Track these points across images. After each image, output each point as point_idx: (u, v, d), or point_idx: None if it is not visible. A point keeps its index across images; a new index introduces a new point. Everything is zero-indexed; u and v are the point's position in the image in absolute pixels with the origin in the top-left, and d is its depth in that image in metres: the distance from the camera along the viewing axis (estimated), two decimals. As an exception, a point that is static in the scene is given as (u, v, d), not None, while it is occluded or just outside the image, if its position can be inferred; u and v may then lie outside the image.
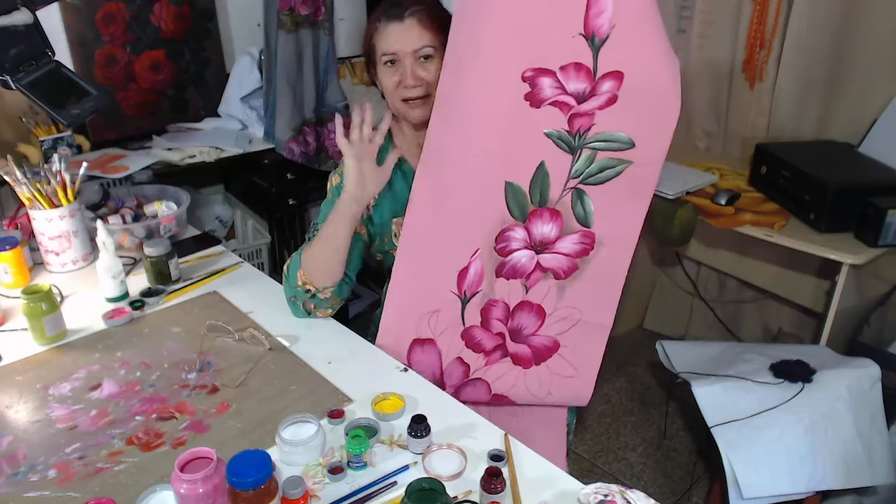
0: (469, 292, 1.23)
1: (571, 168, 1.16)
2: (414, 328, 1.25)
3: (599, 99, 1.11)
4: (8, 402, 1.11)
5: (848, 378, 1.60)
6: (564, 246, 1.21)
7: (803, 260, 2.06)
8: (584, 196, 1.18)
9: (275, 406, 1.08)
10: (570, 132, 1.14)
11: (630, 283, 1.30)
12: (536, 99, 1.11)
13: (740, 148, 2.40)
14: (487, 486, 0.87)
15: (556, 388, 1.32)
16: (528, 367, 1.30)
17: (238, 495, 0.79)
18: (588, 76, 1.10)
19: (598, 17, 1.06)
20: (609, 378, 2.57)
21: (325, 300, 1.27)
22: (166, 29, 2.39)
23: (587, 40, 1.08)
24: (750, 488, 1.52)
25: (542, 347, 1.29)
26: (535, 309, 1.26)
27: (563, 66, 1.09)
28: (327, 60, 2.39)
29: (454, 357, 1.28)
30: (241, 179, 2.59)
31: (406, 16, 1.21)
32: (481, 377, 1.30)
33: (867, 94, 2.03)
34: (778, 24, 2.15)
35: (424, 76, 1.23)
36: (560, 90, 1.11)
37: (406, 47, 1.21)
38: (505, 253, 1.21)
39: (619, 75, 1.10)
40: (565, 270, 1.23)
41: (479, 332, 1.27)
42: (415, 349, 1.24)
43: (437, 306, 1.23)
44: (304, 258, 1.25)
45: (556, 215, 1.19)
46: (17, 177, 1.43)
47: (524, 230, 1.20)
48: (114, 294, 1.39)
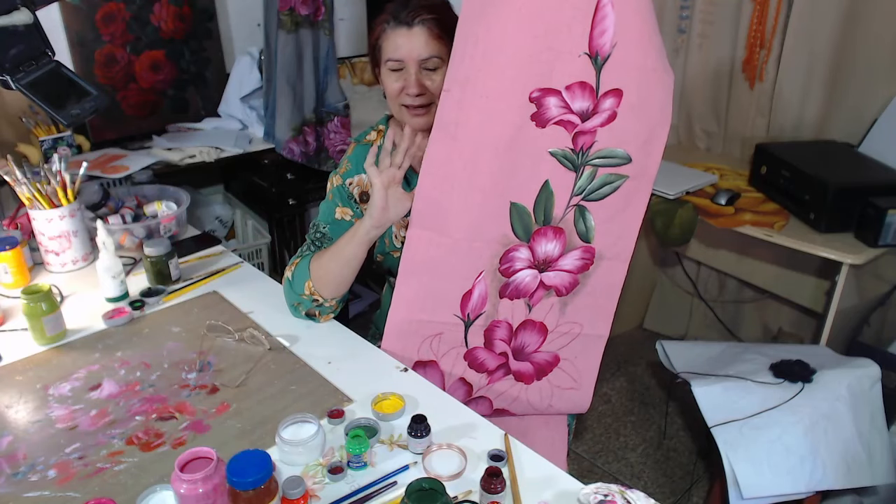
0: (473, 315, 1.23)
1: (575, 185, 1.18)
2: (416, 351, 1.25)
3: (601, 116, 1.13)
4: (8, 402, 1.11)
5: (848, 378, 1.60)
6: (567, 263, 1.22)
7: (803, 260, 2.06)
8: (585, 212, 1.19)
9: (275, 406, 1.08)
10: (574, 150, 1.15)
11: (630, 283, 1.30)
12: (542, 119, 1.12)
13: (740, 148, 2.40)
14: (487, 486, 0.87)
15: (557, 399, 1.33)
16: (529, 382, 1.31)
17: (238, 495, 0.79)
18: (591, 94, 1.12)
19: (601, 37, 1.08)
20: (609, 378, 2.56)
21: (329, 308, 1.28)
22: (166, 29, 2.39)
23: (591, 59, 1.10)
24: (750, 488, 1.51)
25: (543, 363, 1.30)
26: (538, 327, 1.27)
27: (569, 86, 1.11)
28: (327, 60, 2.39)
29: (457, 378, 1.28)
30: (241, 179, 2.59)
31: (415, 23, 1.18)
32: (484, 395, 1.31)
33: (867, 94, 2.03)
34: (778, 24, 2.15)
35: (428, 85, 1.21)
36: (565, 109, 1.12)
37: (412, 55, 1.20)
38: (509, 273, 1.21)
39: (618, 92, 1.12)
40: (567, 287, 1.24)
41: (482, 352, 1.27)
42: (416, 370, 1.23)
43: (440, 330, 1.23)
44: (315, 270, 1.23)
45: (560, 233, 1.20)
46: (17, 177, 1.42)
47: (528, 250, 1.20)
48: (114, 294, 1.39)
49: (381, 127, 1.38)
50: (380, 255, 1.37)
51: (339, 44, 2.60)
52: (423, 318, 1.22)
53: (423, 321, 1.22)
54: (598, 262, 1.23)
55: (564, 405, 1.34)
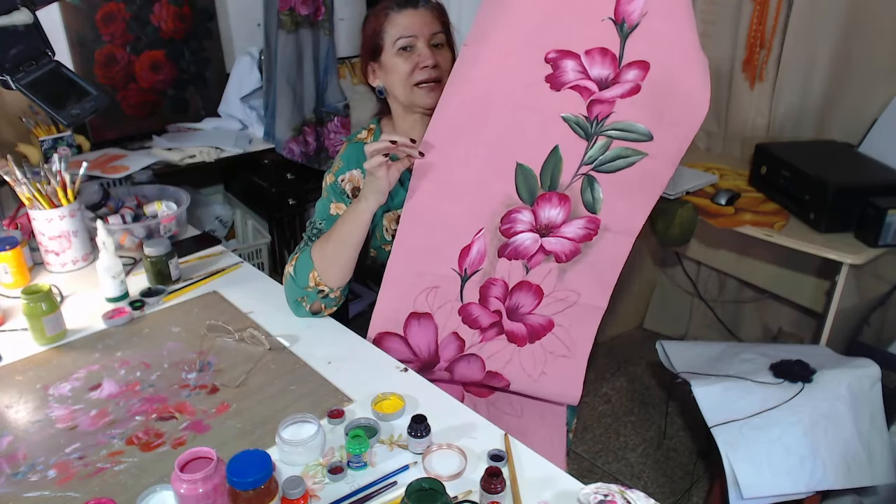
0: (470, 270, 1.22)
1: (585, 154, 1.15)
2: (412, 302, 1.24)
3: (622, 87, 1.10)
4: (8, 402, 1.11)
5: (848, 378, 1.60)
6: (569, 230, 1.21)
7: (803, 260, 2.06)
8: (594, 183, 1.17)
9: (275, 406, 1.08)
10: (588, 118, 1.12)
11: (630, 283, 1.30)
12: (558, 82, 1.10)
13: (740, 148, 2.40)
14: (487, 486, 0.87)
15: (550, 367, 1.31)
16: (522, 344, 1.29)
17: (238, 495, 0.79)
18: (613, 62, 1.08)
19: (629, 4, 1.05)
20: (609, 378, 2.56)
21: (334, 299, 1.28)
22: (166, 29, 2.39)
23: (616, 25, 1.06)
24: (750, 488, 1.51)
25: (537, 326, 1.28)
26: (534, 289, 1.25)
27: (589, 51, 1.08)
28: (327, 60, 2.40)
29: (450, 332, 1.27)
30: (241, 179, 2.59)
31: (420, 4, 1.26)
32: (476, 353, 1.30)
33: (867, 94, 2.03)
34: (778, 24, 2.15)
35: (439, 60, 1.26)
36: (583, 74, 1.09)
37: (423, 31, 1.25)
38: (509, 234, 1.20)
39: (645, 65, 1.08)
40: (567, 254, 1.23)
41: (476, 308, 1.26)
42: (411, 322, 1.23)
43: (437, 282, 1.23)
44: (318, 259, 1.24)
45: (565, 200, 1.18)
46: (17, 177, 1.43)
47: (531, 213, 1.19)
48: (114, 294, 1.39)
49: (371, 126, 1.39)
50: (373, 250, 1.37)
51: (339, 44, 2.59)
52: (421, 269, 1.22)
53: (420, 272, 1.22)
54: (603, 233, 1.20)
55: (558, 375, 1.31)
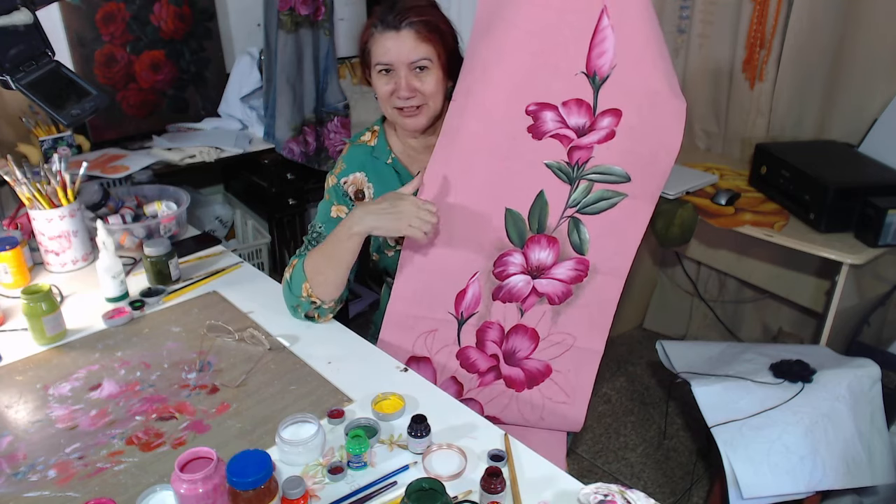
0: (466, 313, 1.27)
1: (570, 197, 1.21)
2: (411, 346, 1.29)
3: (598, 133, 1.17)
4: (8, 402, 1.11)
5: (848, 378, 1.60)
6: (560, 272, 1.25)
7: (803, 260, 2.06)
8: (580, 224, 1.23)
9: (275, 406, 1.08)
10: (570, 163, 1.20)
11: (630, 284, 1.31)
12: (539, 131, 1.18)
13: (740, 148, 2.39)
14: (487, 486, 0.87)
15: (549, 413, 1.34)
16: (520, 390, 1.33)
17: (238, 495, 0.79)
18: (588, 112, 1.16)
19: (599, 58, 1.13)
20: (609, 378, 2.56)
21: (327, 309, 1.28)
22: (166, 29, 2.39)
23: (588, 78, 1.15)
24: (750, 488, 1.51)
25: (535, 371, 1.32)
26: (530, 332, 1.29)
27: (566, 102, 1.16)
28: (327, 60, 2.39)
29: (448, 376, 1.31)
30: (241, 179, 2.59)
31: (402, 26, 1.17)
32: (474, 398, 1.33)
33: (867, 94, 2.03)
34: (778, 24, 2.15)
35: (419, 86, 1.21)
36: (561, 124, 1.17)
37: (401, 58, 1.19)
38: (502, 277, 1.25)
39: (617, 112, 1.16)
40: (559, 296, 1.27)
41: (473, 352, 1.30)
42: (410, 366, 1.24)
43: (434, 326, 1.28)
44: (311, 273, 1.23)
45: (553, 242, 1.24)
46: (17, 177, 1.43)
47: (522, 255, 1.24)
48: (114, 294, 1.39)
49: (375, 128, 1.38)
50: (375, 253, 1.38)
51: (339, 44, 2.60)
52: (419, 314, 1.27)
53: (418, 316, 1.27)
54: (593, 275, 1.26)
55: (556, 421, 1.35)
